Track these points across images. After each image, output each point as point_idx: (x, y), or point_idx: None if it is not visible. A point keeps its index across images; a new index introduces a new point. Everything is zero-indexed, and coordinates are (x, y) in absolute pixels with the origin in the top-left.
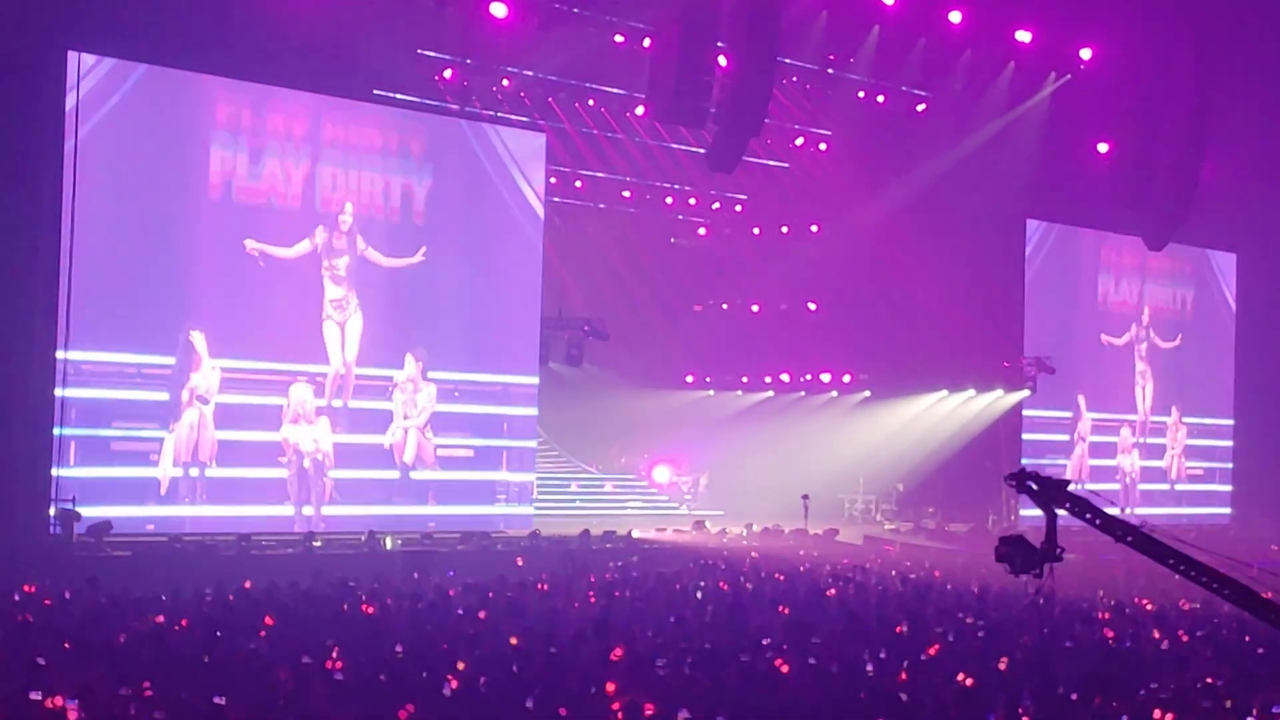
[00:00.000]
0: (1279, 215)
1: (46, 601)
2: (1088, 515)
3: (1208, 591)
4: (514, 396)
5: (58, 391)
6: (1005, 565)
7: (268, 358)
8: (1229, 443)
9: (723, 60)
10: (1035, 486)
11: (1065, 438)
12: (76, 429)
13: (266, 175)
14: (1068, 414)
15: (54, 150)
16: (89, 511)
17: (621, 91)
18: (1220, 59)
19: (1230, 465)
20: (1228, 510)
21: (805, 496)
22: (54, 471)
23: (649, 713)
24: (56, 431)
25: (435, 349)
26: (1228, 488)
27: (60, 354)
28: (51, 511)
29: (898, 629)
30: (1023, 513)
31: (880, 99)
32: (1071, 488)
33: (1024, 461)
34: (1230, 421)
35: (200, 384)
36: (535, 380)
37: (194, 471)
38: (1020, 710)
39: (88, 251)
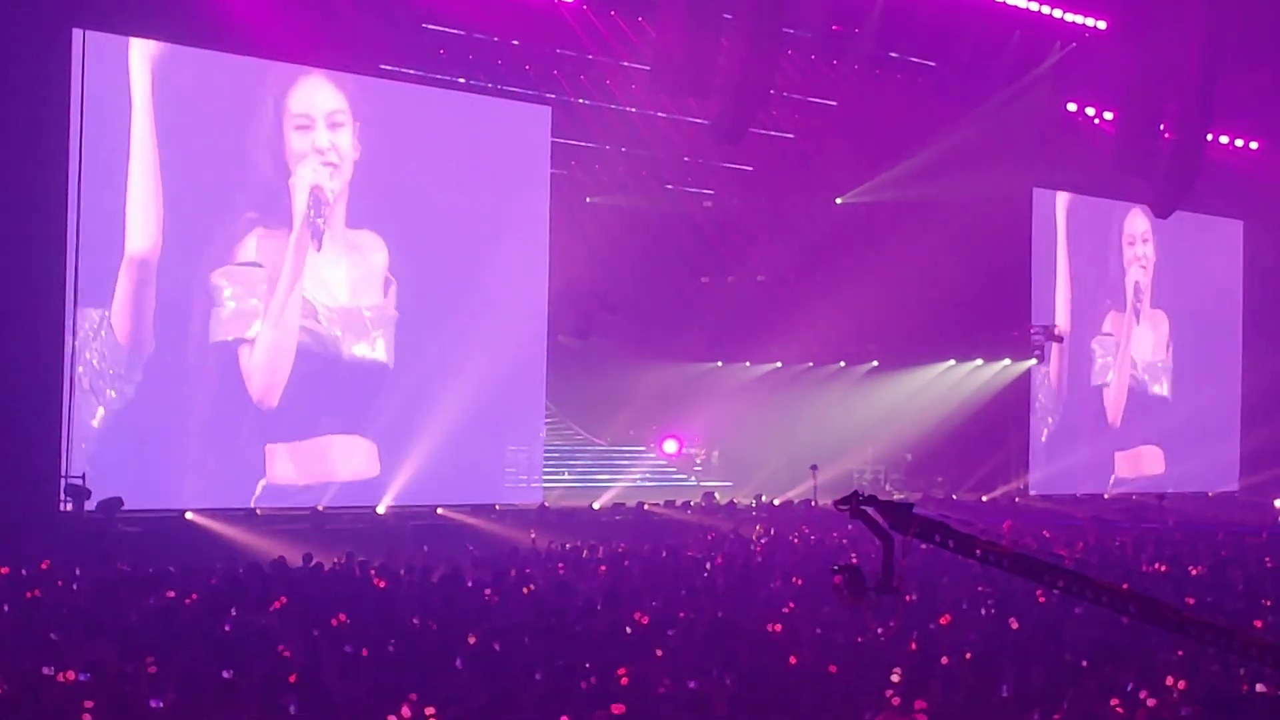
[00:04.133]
0: None
1: (54, 577)
2: (937, 537)
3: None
4: (522, 369)
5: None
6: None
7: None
8: (1238, 397)
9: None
10: (872, 511)
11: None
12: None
13: (271, 149)
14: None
15: (60, 127)
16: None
17: (627, 63)
18: (1226, 24)
19: (1239, 423)
20: (1236, 474)
21: (814, 467)
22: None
23: (660, 684)
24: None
25: (443, 323)
26: (1237, 447)
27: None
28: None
29: (907, 597)
30: (1032, 476)
31: (886, 68)
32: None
33: (1034, 420)
34: (1239, 387)
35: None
36: (543, 359)
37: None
38: (1031, 678)
39: (94, 221)
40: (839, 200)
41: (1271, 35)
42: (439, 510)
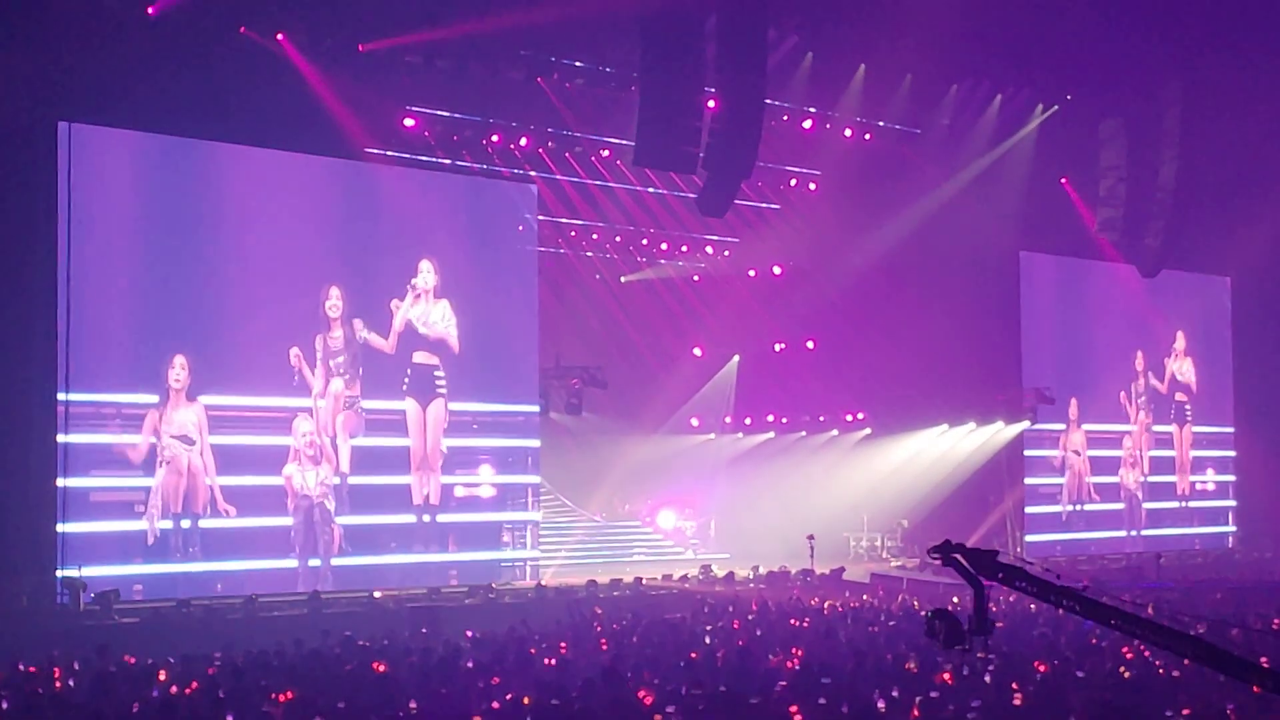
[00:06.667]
0: (1270, 238)
1: (56, 672)
2: (1020, 583)
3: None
4: (516, 447)
5: (60, 437)
6: (932, 639)
7: (264, 393)
8: (1231, 452)
9: (711, 104)
10: (962, 558)
11: (1058, 453)
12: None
13: (260, 233)
14: (1061, 427)
15: (48, 217)
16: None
17: (611, 139)
18: (1205, 85)
19: (1233, 479)
20: (1232, 529)
21: (810, 537)
22: (59, 528)
23: None
24: (60, 482)
25: (437, 402)
26: (1232, 503)
27: (61, 395)
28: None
29: (907, 665)
30: (1028, 539)
31: (868, 137)
32: (1065, 508)
33: (1027, 481)
34: (1232, 443)
35: (187, 425)
36: (536, 435)
37: (185, 523)
38: None
39: (83, 309)
40: (825, 269)
41: (1249, 90)
42: (439, 591)
